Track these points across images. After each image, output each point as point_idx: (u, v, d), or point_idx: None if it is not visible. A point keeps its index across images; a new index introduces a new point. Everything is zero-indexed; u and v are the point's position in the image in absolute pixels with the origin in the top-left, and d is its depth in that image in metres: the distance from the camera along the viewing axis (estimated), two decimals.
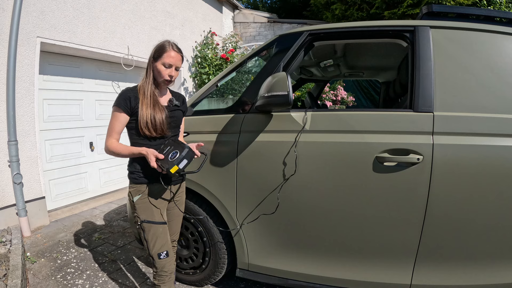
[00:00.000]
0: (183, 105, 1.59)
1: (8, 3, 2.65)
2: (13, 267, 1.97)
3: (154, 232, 1.44)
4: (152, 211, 1.45)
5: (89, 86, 3.79)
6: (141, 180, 1.44)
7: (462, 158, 1.35)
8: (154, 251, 1.44)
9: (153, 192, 1.46)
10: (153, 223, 1.44)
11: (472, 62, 1.45)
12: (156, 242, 1.44)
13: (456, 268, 1.43)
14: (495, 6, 5.49)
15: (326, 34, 1.68)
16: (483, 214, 1.36)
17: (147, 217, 1.44)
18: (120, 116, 1.38)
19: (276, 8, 12.43)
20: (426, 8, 1.68)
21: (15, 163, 2.74)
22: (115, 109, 1.39)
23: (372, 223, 1.48)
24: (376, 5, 5.62)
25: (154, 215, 1.45)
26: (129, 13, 3.95)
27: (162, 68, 1.39)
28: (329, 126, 1.53)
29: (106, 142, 1.40)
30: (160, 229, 1.46)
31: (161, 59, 1.38)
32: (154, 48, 1.42)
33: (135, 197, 1.45)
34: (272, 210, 1.60)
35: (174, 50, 1.39)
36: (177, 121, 1.52)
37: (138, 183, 1.45)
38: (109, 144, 1.38)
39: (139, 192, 1.44)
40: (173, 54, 1.38)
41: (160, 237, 1.45)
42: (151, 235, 1.44)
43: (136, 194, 1.45)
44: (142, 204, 1.44)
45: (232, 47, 5.55)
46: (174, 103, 1.51)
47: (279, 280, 1.70)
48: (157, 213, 1.46)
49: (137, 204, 1.44)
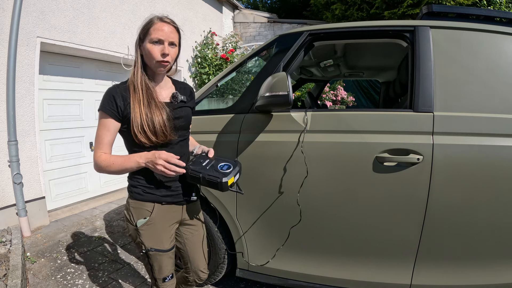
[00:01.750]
0: (191, 100, 1.25)
1: (8, 3, 2.65)
2: (13, 267, 1.97)
3: (162, 260, 1.18)
4: (160, 238, 1.16)
5: (89, 86, 3.79)
6: (147, 196, 1.13)
7: (462, 158, 1.35)
8: (159, 276, 1.21)
9: (162, 213, 1.15)
10: (162, 251, 1.17)
11: (472, 62, 1.45)
12: (162, 269, 1.20)
13: (456, 268, 1.43)
14: (495, 6, 5.49)
15: (326, 34, 1.68)
16: (483, 214, 1.36)
17: (155, 245, 1.15)
18: (106, 123, 1.06)
19: (276, 8, 12.42)
20: (426, 8, 1.68)
21: (15, 163, 2.74)
22: (100, 114, 1.08)
23: (372, 223, 1.48)
24: (376, 5, 5.62)
25: (163, 242, 1.16)
26: (129, 13, 3.95)
27: (151, 47, 1.05)
28: (329, 126, 1.53)
29: (93, 157, 1.09)
30: (168, 256, 1.20)
31: (148, 36, 1.06)
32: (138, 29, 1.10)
33: (138, 221, 1.13)
34: (273, 210, 1.60)
35: (163, 21, 1.07)
36: (184, 121, 1.19)
37: (142, 200, 1.13)
38: (97, 159, 1.07)
39: (144, 214, 1.13)
40: (162, 26, 1.05)
41: (168, 264, 1.21)
42: (158, 263, 1.18)
43: (140, 216, 1.13)
44: (149, 229, 1.14)
45: (232, 47, 5.55)
46: (179, 99, 1.17)
47: (279, 280, 1.70)
48: (166, 239, 1.17)
49: (141, 230, 1.13)
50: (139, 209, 1.14)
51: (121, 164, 1.06)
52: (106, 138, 1.08)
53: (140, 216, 1.13)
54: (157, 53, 1.06)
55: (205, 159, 1.17)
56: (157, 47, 1.06)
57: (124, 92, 1.08)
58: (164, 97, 1.16)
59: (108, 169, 1.07)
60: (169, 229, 1.20)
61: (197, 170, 1.10)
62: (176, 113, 1.15)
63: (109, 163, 1.06)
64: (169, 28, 1.07)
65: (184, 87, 1.27)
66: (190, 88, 1.29)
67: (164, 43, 1.06)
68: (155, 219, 1.14)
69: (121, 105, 1.06)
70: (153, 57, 1.06)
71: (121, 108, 1.06)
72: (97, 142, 1.09)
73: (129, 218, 1.16)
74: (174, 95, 1.17)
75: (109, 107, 1.05)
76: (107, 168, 1.07)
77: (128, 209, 1.16)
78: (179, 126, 1.16)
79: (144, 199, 1.13)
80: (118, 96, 1.06)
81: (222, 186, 1.08)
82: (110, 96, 1.06)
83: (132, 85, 1.08)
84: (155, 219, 1.14)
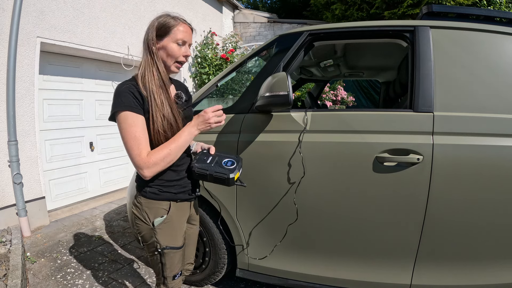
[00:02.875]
0: (189, 98, 1.28)
1: (8, 3, 2.65)
2: (13, 267, 1.97)
3: (175, 258, 1.19)
4: (176, 235, 1.17)
5: (89, 86, 3.79)
6: (163, 195, 1.12)
7: (462, 158, 1.35)
8: (170, 274, 1.20)
9: (177, 211, 1.17)
10: (176, 249, 1.17)
11: (472, 62, 1.45)
12: (174, 266, 1.20)
13: (456, 268, 1.43)
14: (495, 6, 5.49)
15: (326, 34, 1.68)
16: (483, 214, 1.36)
17: (170, 242, 1.15)
18: (137, 120, 1.01)
19: (276, 8, 12.43)
20: (426, 8, 1.68)
21: (15, 163, 2.74)
22: (125, 115, 1.00)
23: (372, 223, 1.48)
24: (376, 5, 5.62)
25: (177, 239, 1.18)
26: (129, 13, 3.95)
27: (175, 47, 1.07)
28: (329, 126, 1.53)
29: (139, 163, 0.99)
30: (181, 253, 1.22)
31: (171, 35, 1.07)
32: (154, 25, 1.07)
33: (155, 220, 1.12)
34: (273, 210, 1.59)
35: (187, 24, 1.11)
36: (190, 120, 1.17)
37: (159, 200, 1.12)
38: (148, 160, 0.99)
39: (161, 213, 1.12)
40: (187, 28, 1.10)
41: (179, 261, 1.22)
42: (171, 260, 1.18)
43: (157, 215, 1.12)
44: (166, 228, 1.13)
45: (232, 47, 5.55)
46: (183, 99, 1.18)
47: (279, 280, 1.70)
48: (180, 236, 1.20)
49: (159, 229, 1.12)
50: (156, 208, 1.12)
51: (177, 146, 1.04)
52: (143, 136, 1.01)
53: (157, 215, 1.12)
54: (179, 53, 1.09)
55: (208, 156, 1.20)
56: (180, 48, 1.09)
57: (138, 88, 1.05)
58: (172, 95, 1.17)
59: (168, 159, 1.03)
60: (182, 226, 1.22)
61: (204, 168, 1.13)
62: (184, 113, 1.17)
63: (164, 154, 1.02)
64: (189, 30, 1.12)
65: (180, 84, 1.29)
66: (184, 86, 1.33)
67: (186, 44, 1.11)
68: (172, 217, 1.15)
69: (141, 101, 1.03)
70: (175, 56, 1.09)
71: (142, 104, 1.04)
72: (135, 144, 1.00)
73: (144, 219, 1.13)
74: (178, 95, 1.17)
75: (134, 104, 1.01)
76: (164, 160, 1.02)
77: (142, 210, 1.12)
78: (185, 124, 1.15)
79: (161, 198, 1.12)
80: (136, 92, 1.03)
81: (229, 181, 1.12)
82: (130, 94, 1.02)
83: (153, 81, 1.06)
84: (172, 217, 1.15)
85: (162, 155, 1.02)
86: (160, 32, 1.08)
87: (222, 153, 1.23)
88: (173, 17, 1.10)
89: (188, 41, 1.11)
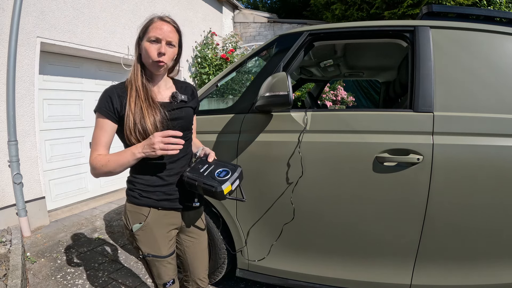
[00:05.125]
0: (193, 99, 1.21)
1: (8, 3, 2.65)
2: (13, 267, 1.97)
3: (160, 266, 1.14)
4: (157, 244, 1.11)
5: (89, 86, 3.79)
6: (143, 200, 1.09)
7: (462, 158, 1.35)
8: (160, 282, 1.17)
9: (158, 219, 1.10)
10: (159, 257, 1.12)
11: (472, 62, 1.45)
12: (161, 275, 1.15)
13: (456, 268, 1.43)
14: (495, 6, 5.49)
15: (326, 34, 1.68)
16: (483, 214, 1.36)
17: (151, 251, 1.11)
18: (103, 124, 1.03)
19: (276, 8, 12.43)
20: (426, 8, 1.68)
21: (15, 163, 2.74)
22: (96, 115, 1.04)
23: (372, 223, 1.48)
24: (376, 5, 5.62)
25: (160, 248, 1.11)
26: (129, 13, 3.95)
27: (148, 46, 1.02)
28: (329, 126, 1.53)
29: (89, 160, 1.03)
30: (167, 262, 1.15)
31: (146, 35, 1.03)
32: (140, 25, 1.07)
33: (134, 226, 1.09)
34: (273, 210, 1.59)
35: (163, 20, 1.04)
36: (184, 122, 1.14)
37: (138, 205, 1.09)
38: (92, 161, 1.01)
39: (139, 219, 1.09)
40: (161, 25, 1.03)
41: (168, 270, 1.16)
42: (157, 269, 1.14)
43: (136, 221, 1.09)
44: (145, 235, 1.09)
45: (232, 47, 5.55)
46: (179, 99, 1.12)
47: (279, 280, 1.69)
48: (164, 245, 1.12)
49: (137, 235, 1.09)
50: (135, 213, 1.10)
51: (117, 160, 1.00)
52: (102, 140, 1.03)
53: (135, 220, 1.09)
54: (153, 52, 1.02)
55: (204, 164, 1.12)
56: (154, 46, 1.02)
57: (122, 92, 1.05)
58: (164, 97, 1.12)
59: (104, 168, 1.00)
60: (166, 235, 1.14)
61: (193, 178, 1.06)
62: (174, 114, 1.10)
63: (104, 162, 1.00)
64: (168, 27, 1.04)
65: (185, 86, 1.23)
66: (191, 87, 1.25)
67: (162, 42, 1.03)
68: (151, 224, 1.09)
69: (117, 105, 1.02)
70: (150, 56, 1.03)
71: (117, 109, 1.03)
72: (93, 143, 1.04)
73: (125, 222, 1.12)
74: (173, 95, 1.13)
75: (105, 108, 1.02)
76: (102, 168, 1.00)
77: (125, 213, 1.12)
78: (179, 127, 1.11)
79: (140, 203, 1.09)
80: (114, 96, 1.03)
81: (218, 195, 1.02)
82: (106, 97, 1.03)
83: (130, 85, 1.05)
84: (151, 224, 1.09)
85: (101, 163, 1.00)
86: (141, 34, 1.07)
87: (221, 161, 1.15)
88: (157, 16, 1.06)
89: (163, 38, 1.02)
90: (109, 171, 1.01)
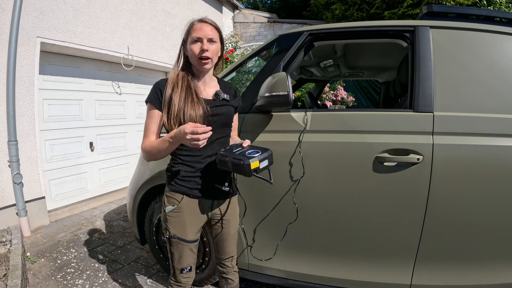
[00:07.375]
0: (234, 99, 1.31)
1: (8, 3, 2.65)
2: (13, 267, 1.97)
3: (183, 250, 1.24)
4: (185, 228, 1.23)
5: (89, 86, 3.79)
6: (177, 188, 1.21)
7: (462, 158, 1.35)
8: (178, 266, 1.27)
9: (191, 206, 1.23)
10: (184, 241, 1.23)
11: (472, 62, 1.45)
12: (182, 259, 1.26)
13: (456, 268, 1.43)
14: (495, 6, 5.49)
15: (326, 34, 1.68)
16: (483, 214, 1.36)
17: (178, 233, 1.22)
18: (152, 114, 1.17)
19: (276, 8, 12.44)
20: (426, 8, 1.68)
21: (15, 163, 2.74)
22: (148, 106, 1.19)
23: (372, 223, 1.48)
24: (376, 5, 5.62)
25: (186, 232, 1.23)
26: (129, 13, 3.95)
27: (192, 46, 1.15)
28: (329, 126, 1.53)
29: (141, 147, 1.18)
30: (189, 248, 1.25)
31: (189, 36, 1.17)
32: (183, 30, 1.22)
33: (167, 208, 1.23)
34: (274, 210, 1.59)
35: (201, 22, 1.17)
36: (224, 119, 1.24)
37: (174, 191, 1.22)
38: (143, 147, 1.17)
39: (173, 203, 1.22)
40: (201, 26, 1.15)
41: (188, 256, 1.26)
42: (179, 252, 1.25)
43: (170, 203, 1.22)
44: (175, 217, 1.22)
45: (232, 47, 5.55)
46: (221, 97, 1.23)
47: (279, 280, 1.69)
48: (190, 231, 1.24)
49: (168, 216, 1.23)
50: (171, 197, 1.22)
51: (157, 146, 1.13)
52: (151, 127, 1.17)
53: (170, 203, 1.22)
54: (197, 50, 1.14)
55: (238, 147, 1.20)
56: (197, 45, 1.15)
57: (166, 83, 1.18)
58: (208, 94, 1.24)
59: (151, 153, 1.15)
60: (195, 223, 1.25)
61: (225, 154, 1.13)
62: (216, 110, 1.21)
63: (150, 148, 1.15)
64: (207, 27, 1.16)
65: (229, 87, 1.34)
66: (234, 88, 1.36)
67: (203, 41, 1.14)
68: (183, 209, 1.21)
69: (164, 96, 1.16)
70: (194, 54, 1.15)
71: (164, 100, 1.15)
72: (144, 131, 1.18)
73: (163, 204, 1.26)
74: (217, 93, 1.24)
75: (155, 97, 1.16)
76: (149, 153, 1.15)
77: (164, 195, 1.26)
78: (219, 123, 1.22)
79: (175, 190, 1.22)
80: (162, 87, 1.17)
81: (245, 168, 1.07)
82: (157, 88, 1.18)
83: (172, 82, 1.17)
84: (183, 209, 1.21)
85: (148, 148, 1.15)
86: (185, 38, 1.21)
87: (255, 146, 1.22)
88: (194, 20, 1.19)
89: (204, 36, 1.14)
90: (154, 155, 1.16)
